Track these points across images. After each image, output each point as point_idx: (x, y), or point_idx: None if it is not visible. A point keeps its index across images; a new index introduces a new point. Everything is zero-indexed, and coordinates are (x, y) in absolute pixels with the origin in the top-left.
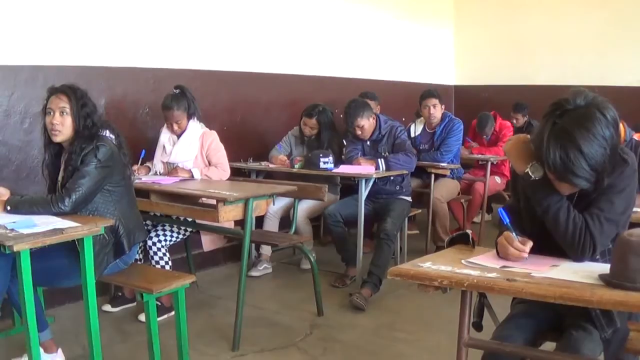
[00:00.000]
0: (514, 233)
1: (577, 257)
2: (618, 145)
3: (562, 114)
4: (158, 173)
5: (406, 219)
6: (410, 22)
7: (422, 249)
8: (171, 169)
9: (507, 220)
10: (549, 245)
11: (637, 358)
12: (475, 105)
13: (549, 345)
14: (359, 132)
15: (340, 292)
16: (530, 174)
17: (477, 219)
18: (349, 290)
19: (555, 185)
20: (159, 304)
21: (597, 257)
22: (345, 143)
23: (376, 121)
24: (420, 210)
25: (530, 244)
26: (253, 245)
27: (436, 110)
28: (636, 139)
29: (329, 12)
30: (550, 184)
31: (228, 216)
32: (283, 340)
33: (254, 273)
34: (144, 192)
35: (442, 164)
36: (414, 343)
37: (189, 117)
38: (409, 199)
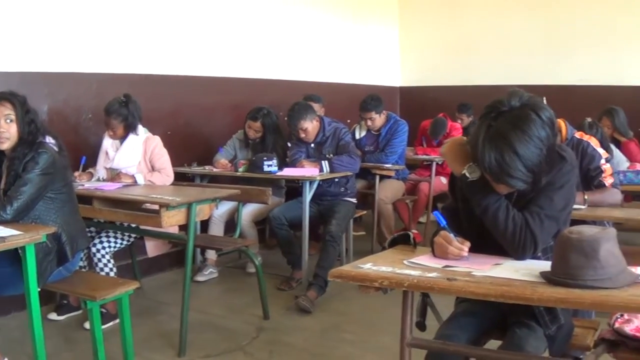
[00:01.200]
0: (451, 234)
1: (519, 255)
2: (555, 145)
3: (497, 116)
4: (101, 179)
5: (351, 220)
6: (355, 23)
7: (369, 249)
8: (114, 175)
9: (444, 223)
10: (489, 245)
11: (585, 354)
12: (420, 106)
13: (493, 344)
14: (302, 135)
15: (287, 295)
16: (468, 175)
17: (422, 219)
18: (295, 292)
19: (493, 186)
20: (105, 311)
21: (539, 254)
22: (289, 146)
23: (320, 123)
24: (365, 212)
25: (468, 243)
26: (198, 250)
27: (374, 122)
28: (578, 137)
29: (271, 15)
30: (488, 184)
31: (171, 221)
32: (229, 344)
33: (199, 278)
34: (87, 199)
35: (387, 165)
36: (360, 344)
37: (126, 129)
38: (354, 200)
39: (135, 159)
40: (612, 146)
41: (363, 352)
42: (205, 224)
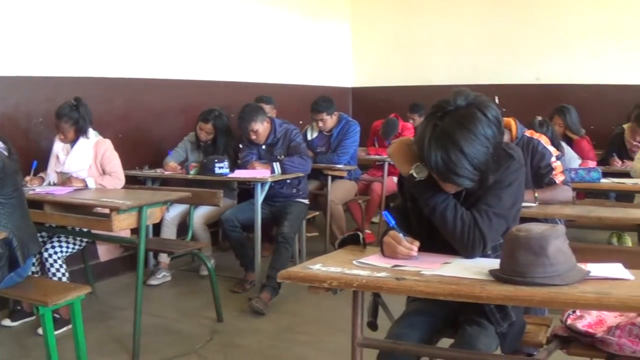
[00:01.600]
0: (401, 233)
1: (468, 253)
2: (502, 143)
3: (443, 116)
4: (51, 183)
5: (304, 222)
6: (307, 24)
7: (322, 250)
8: (65, 179)
9: (393, 222)
10: (439, 244)
11: (537, 350)
12: (373, 107)
13: (445, 342)
14: (253, 137)
15: (240, 297)
16: (415, 175)
17: (375, 219)
18: (249, 295)
19: (441, 185)
20: (57, 316)
21: (489, 252)
22: (241, 147)
23: (271, 125)
24: (318, 213)
25: (417, 243)
26: (151, 253)
27: (325, 123)
28: (528, 135)
29: (223, 16)
30: (436, 183)
31: (122, 225)
32: (183, 348)
33: (152, 282)
34: (37, 203)
35: (339, 166)
36: (314, 345)
37: (77, 132)
38: (306, 201)
39: (86, 163)
40: (564, 144)
41: (317, 353)
42: (157, 228)
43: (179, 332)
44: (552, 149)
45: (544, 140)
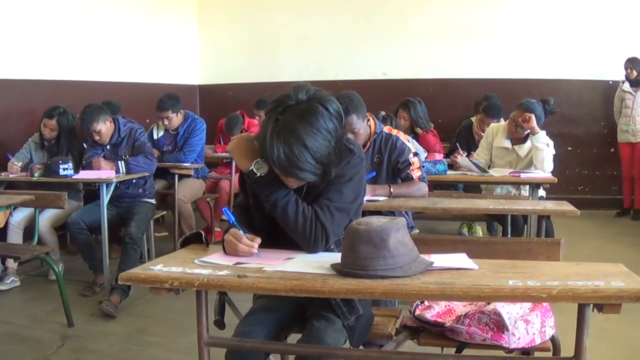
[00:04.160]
0: (241, 230)
1: (311, 248)
2: (343, 137)
3: (284, 110)
4: None
5: (152, 221)
6: (153, 21)
7: (172, 250)
8: None
9: (233, 219)
10: (282, 240)
11: (388, 342)
12: (220, 104)
13: (297, 338)
14: (96, 137)
15: (91, 301)
16: (255, 171)
17: (225, 217)
18: (99, 298)
19: (282, 180)
20: None
21: (332, 247)
22: (85, 147)
23: (114, 124)
24: (165, 212)
25: (258, 240)
26: None
27: (170, 121)
28: (386, 131)
29: (67, 13)
30: (277, 179)
31: None
32: (34, 355)
33: (1, 287)
34: None
35: (185, 164)
36: (167, 346)
37: None
38: (153, 201)
39: None
40: (409, 138)
41: (169, 354)
42: (4, 232)
43: (29, 339)
44: (410, 145)
45: (402, 137)
